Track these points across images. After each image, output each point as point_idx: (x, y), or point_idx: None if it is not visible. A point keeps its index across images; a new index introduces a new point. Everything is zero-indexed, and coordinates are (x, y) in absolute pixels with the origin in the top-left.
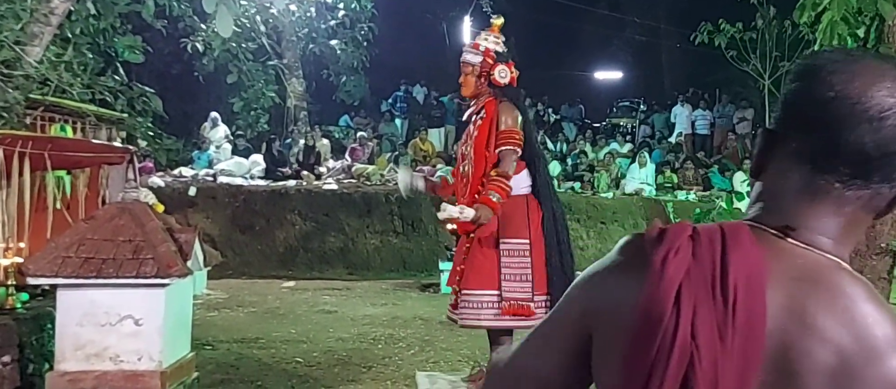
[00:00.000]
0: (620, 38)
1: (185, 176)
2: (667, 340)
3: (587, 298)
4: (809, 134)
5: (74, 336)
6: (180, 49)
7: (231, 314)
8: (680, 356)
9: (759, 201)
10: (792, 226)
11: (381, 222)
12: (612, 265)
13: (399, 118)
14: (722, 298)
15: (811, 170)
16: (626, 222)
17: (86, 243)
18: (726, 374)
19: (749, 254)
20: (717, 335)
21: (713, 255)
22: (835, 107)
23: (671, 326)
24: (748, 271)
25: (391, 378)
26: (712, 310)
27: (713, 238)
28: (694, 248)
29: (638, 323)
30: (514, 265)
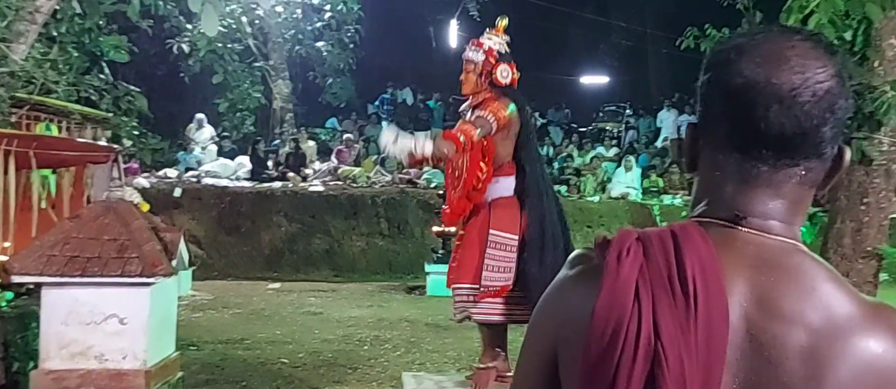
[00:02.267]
0: (607, 42)
1: (171, 177)
2: (630, 339)
3: (547, 318)
4: (728, 122)
5: (59, 335)
6: (166, 50)
7: (216, 315)
8: (645, 353)
9: (703, 196)
10: (741, 214)
11: (367, 224)
12: (565, 279)
13: (385, 121)
14: (681, 293)
15: (741, 157)
16: (612, 226)
17: (71, 241)
18: (692, 369)
19: (700, 248)
20: (679, 331)
21: (666, 253)
22: (746, 92)
23: (633, 324)
24: (702, 264)
25: (377, 379)
26: (672, 306)
27: (663, 237)
28: (645, 249)
29: (599, 325)
30: (498, 257)
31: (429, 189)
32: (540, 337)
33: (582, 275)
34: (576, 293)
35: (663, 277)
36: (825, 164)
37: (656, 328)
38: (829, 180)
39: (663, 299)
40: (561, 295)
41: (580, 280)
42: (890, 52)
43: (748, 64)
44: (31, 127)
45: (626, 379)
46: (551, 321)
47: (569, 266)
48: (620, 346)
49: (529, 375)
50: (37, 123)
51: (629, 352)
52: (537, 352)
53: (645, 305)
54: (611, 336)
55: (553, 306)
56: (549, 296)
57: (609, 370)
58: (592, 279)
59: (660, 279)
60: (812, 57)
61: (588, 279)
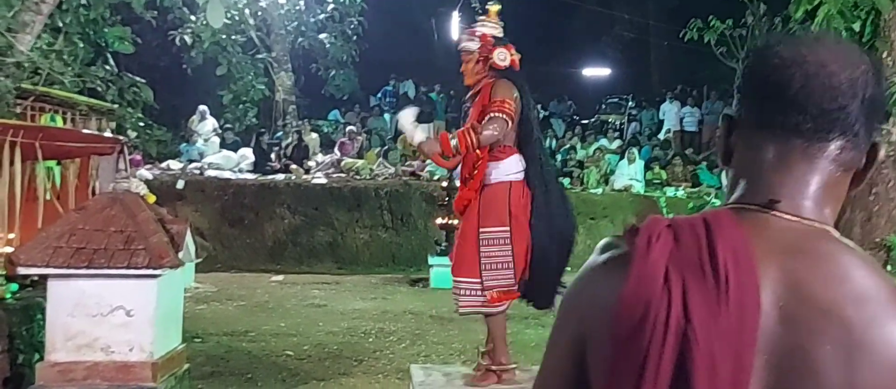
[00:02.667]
0: (609, 34)
1: (174, 169)
2: (660, 322)
3: (575, 305)
4: (765, 100)
5: (65, 327)
6: (168, 42)
7: (220, 307)
8: (675, 337)
9: (737, 184)
10: (774, 198)
11: (370, 216)
12: (593, 266)
13: (388, 113)
14: (713, 277)
15: (776, 136)
16: (615, 218)
17: (77, 233)
18: (723, 354)
19: (733, 234)
20: (710, 315)
21: (697, 239)
22: (784, 69)
23: (663, 308)
24: (734, 249)
25: (383, 371)
26: (704, 290)
27: (694, 224)
28: (675, 235)
29: (627, 309)
30: (493, 254)
31: (432, 181)
32: (568, 324)
33: (611, 262)
34: (604, 280)
35: (695, 262)
36: (859, 150)
37: (686, 312)
38: (865, 173)
39: (694, 283)
40: (589, 282)
41: (609, 267)
42: None
43: (787, 48)
44: (36, 118)
45: (655, 363)
46: (579, 308)
47: (597, 253)
48: (649, 330)
49: (557, 362)
50: (41, 114)
51: (659, 336)
52: (565, 339)
53: (675, 289)
54: (639, 320)
55: (581, 293)
56: (577, 283)
57: (638, 354)
58: (621, 265)
59: (691, 264)
60: (846, 46)
61: (617, 265)
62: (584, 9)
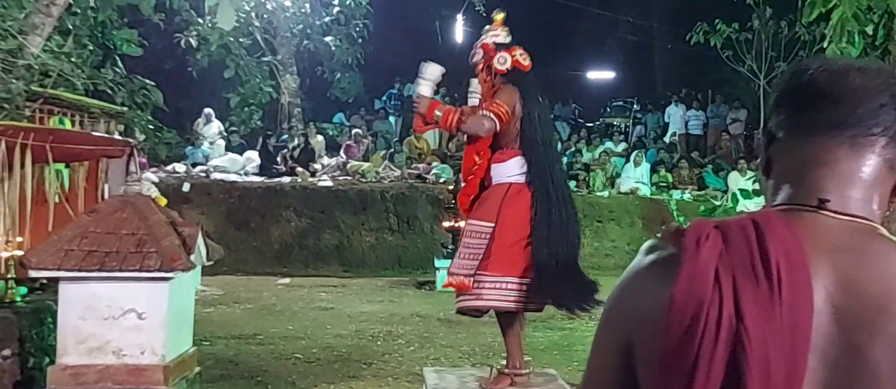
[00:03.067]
0: (613, 37)
1: (179, 172)
2: (711, 322)
3: (621, 308)
4: (806, 108)
5: (76, 330)
6: (174, 44)
7: (227, 310)
8: (727, 337)
9: (781, 188)
10: (823, 198)
11: (376, 219)
12: (638, 269)
13: (393, 116)
14: (765, 278)
15: (819, 137)
16: (622, 221)
17: (88, 236)
18: (777, 354)
19: (783, 233)
20: (763, 315)
21: (747, 239)
22: (826, 79)
23: (714, 308)
24: (786, 249)
25: (393, 374)
26: (756, 290)
27: (743, 224)
28: (724, 236)
29: (678, 309)
30: (471, 246)
31: (438, 184)
32: (614, 328)
33: (657, 263)
34: (651, 282)
35: (746, 262)
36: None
37: (739, 312)
38: None
39: (746, 283)
40: (635, 285)
41: (655, 269)
42: None
43: (823, 62)
44: (45, 121)
45: (707, 362)
46: (626, 311)
47: (642, 255)
48: (701, 330)
49: (603, 364)
50: (50, 116)
51: (711, 335)
52: (611, 342)
53: (726, 289)
54: (691, 320)
55: (627, 295)
56: (621, 286)
57: (689, 355)
58: (668, 266)
59: (742, 265)
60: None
61: (663, 267)
62: (588, 12)
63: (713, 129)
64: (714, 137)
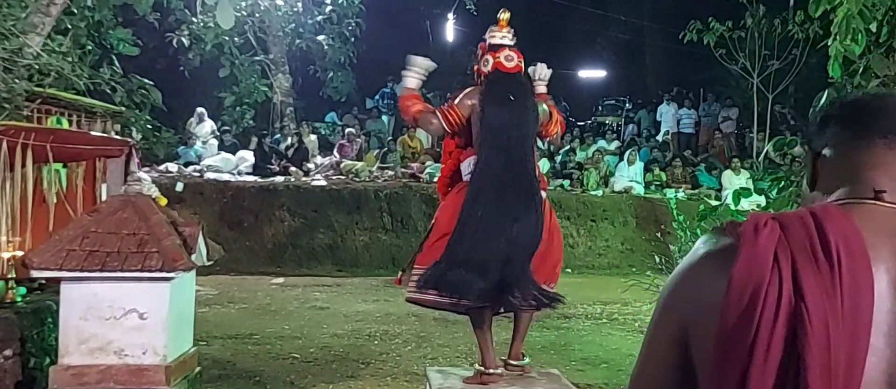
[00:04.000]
0: (604, 36)
1: (172, 172)
2: (770, 302)
3: (677, 296)
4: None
5: (78, 330)
6: (165, 44)
7: (222, 310)
8: (787, 316)
9: (834, 191)
10: (878, 190)
11: (370, 218)
12: (694, 258)
13: (386, 115)
14: (826, 262)
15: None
16: (616, 220)
17: (90, 236)
18: (838, 333)
19: (842, 222)
20: (825, 296)
21: (806, 227)
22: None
23: (773, 288)
24: (845, 236)
25: (391, 374)
26: (816, 272)
27: (801, 215)
28: (781, 224)
29: (736, 291)
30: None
31: (431, 183)
32: (670, 316)
33: (713, 253)
34: (707, 270)
35: (805, 247)
36: None
37: (799, 292)
38: None
39: (806, 266)
40: (691, 273)
41: (711, 257)
42: None
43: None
44: (42, 120)
45: (766, 342)
46: (681, 299)
47: (699, 247)
48: (759, 310)
49: (658, 353)
50: (47, 116)
51: (769, 315)
52: (667, 331)
53: (785, 270)
54: (749, 301)
55: (683, 284)
56: (677, 275)
57: (747, 335)
58: (724, 254)
59: (801, 249)
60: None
61: (720, 256)
62: (579, 11)
63: (705, 127)
64: (706, 135)
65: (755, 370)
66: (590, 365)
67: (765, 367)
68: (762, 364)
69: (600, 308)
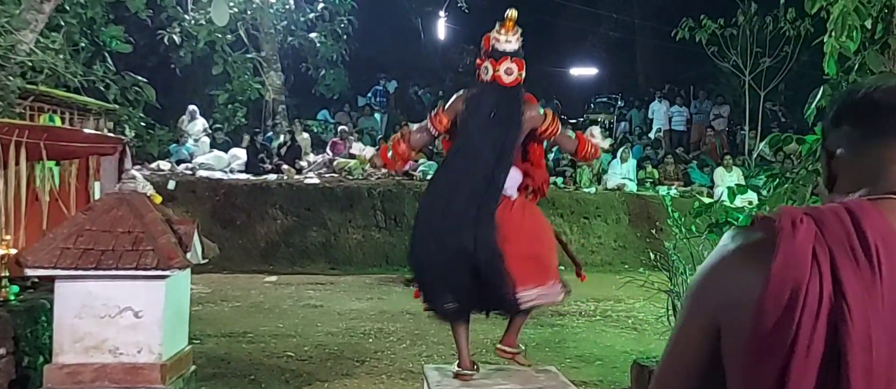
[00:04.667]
0: (595, 34)
1: (163, 170)
2: (811, 299)
3: (708, 293)
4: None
5: (73, 329)
6: (156, 41)
7: (216, 308)
8: (827, 313)
9: (856, 191)
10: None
11: (363, 216)
12: (725, 253)
13: (378, 113)
14: (865, 259)
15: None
16: (608, 217)
17: (84, 234)
18: (879, 329)
19: (878, 219)
20: (864, 293)
21: (843, 223)
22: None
23: (814, 285)
24: (883, 233)
25: (386, 371)
26: (855, 269)
27: (837, 210)
28: (817, 219)
29: (775, 288)
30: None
31: (425, 181)
32: (701, 310)
33: (746, 248)
34: (740, 266)
35: (843, 244)
36: None
37: (839, 290)
38: None
39: (845, 263)
40: (723, 269)
41: (745, 253)
42: None
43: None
44: (35, 118)
45: (807, 339)
46: (713, 293)
47: (727, 242)
48: (800, 307)
49: (688, 347)
50: (40, 114)
51: (811, 312)
52: (698, 326)
53: (824, 267)
54: (789, 299)
55: (714, 280)
56: (707, 271)
57: (787, 333)
58: (759, 250)
59: (840, 246)
60: None
61: (754, 251)
62: (570, 8)
63: (697, 125)
64: (698, 133)
65: (796, 367)
66: (585, 362)
67: (806, 365)
68: (803, 362)
69: (594, 306)
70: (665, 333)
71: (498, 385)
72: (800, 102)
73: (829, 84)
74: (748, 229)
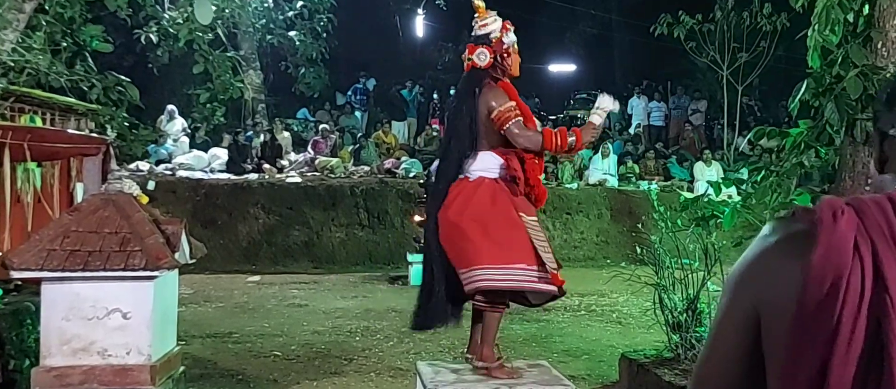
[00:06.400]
0: (573, 31)
1: (142, 170)
2: (853, 290)
3: (747, 285)
4: None
5: (60, 331)
6: (133, 41)
7: (199, 309)
8: (869, 304)
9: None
10: None
11: (346, 215)
12: (764, 245)
13: (359, 111)
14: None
15: None
16: (590, 213)
17: (70, 235)
18: None
19: None
20: None
21: (885, 213)
22: None
23: (856, 276)
24: None
25: (374, 369)
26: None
27: (879, 201)
28: (858, 210)
29: (816, 278)
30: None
31: (408, 179)
32: (740, 303)
33: (786, 239)
34: (780, 256)
35: (885, 234)
36: None
37: (882, 281)
38: None
39: (888, 254)
40: (763, 258)
41: (785, 244)
42: (893, 33)
43: None
44: (16, 119)
45: (848, 330)
46: (752, 287)
47: (768, 233)
48: (841, 299)
49: (728, 340)
50: (21, 115)
51: (853, 303)
52: (736, 315)
53: (866, 258)
54: (830, 288)
55: (754, 269)
56: (747, 263)
57: (828, 322)
58: (798, 241)
59: (881, 236)
60: None
61: (795, 241)
62: (548, 5)
63: (675, 120)
64: (676, 127)
65: (837, 360)
66: (572, 357)
67: (847, 359)
68: (844, 355)
69: (578, 300)
70: (651, 327)
71: (490, 379)
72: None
73: (813, 77)
74: (789, 220)
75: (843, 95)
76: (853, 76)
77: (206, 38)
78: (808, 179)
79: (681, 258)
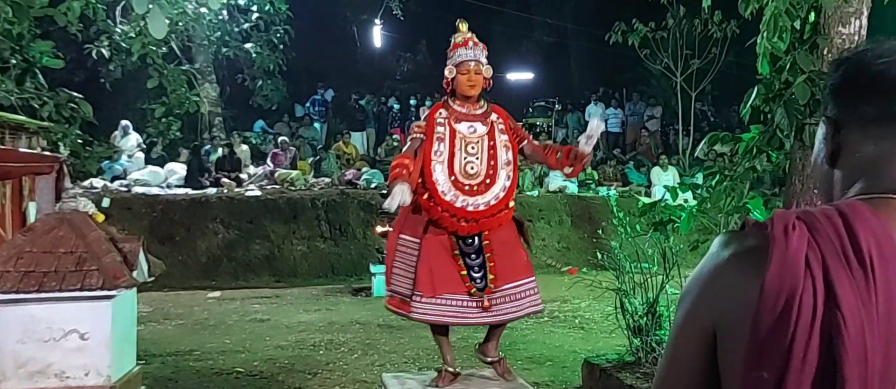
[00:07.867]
0: (530, 39)
1: (97, 187)
2: (806, 308)
3: (704, 300)
4: (873, 100)
5: (15, 354)
6: (83, 56)
7: (158, 327)
8: (822, 322)
9: (857, 177)
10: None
11: (307, 227)
12: (719, 260)
13: (318, 122)
14: (858, 265)
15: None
16: (551, 219)
17: (24, 256)
18: (874, 338)
19: (872, 222)
20: (859, 301)
21: (835, 227)
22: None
23: (808, 294)
24: (877, 237)
25: (339, 383)
26: (849, 277)
27: (829, 214)
28: (808, 225)
29: (770, 297)
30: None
31: (369, 190)
32: (696, 318)
33: (740, 254)
34: (735, 272)
35: (836, 250)
36: None
37: (834, 298)
38: None
39: (839, 270)
40: (718, 274)
41: (738, 259)
42: (838, 39)
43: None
44: None
45: (802, 349)
46: (709, 302)
47: (719, 248)
48: (794, 317)
49: (685, 355)
50: None
51: (805, 322)
52: (693, 334)
53: (817, 276)
54: (783, 308)
55: (709, 286)
56: (701, 279)
57: (782, 341)
58: (752, 256)
59: (832, 252)
60: None
61: (747, 257)
62: (504, 14)
63: (632, 126)
64: (633, 134)
65: (791, 378)
66: (535, 363)
67: (801, 377)
68: (798, 373)
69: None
70: (613, 331)
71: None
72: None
73: (763, 83)
74: (740, 235)
75: (791, 101)
76: (801, 82)
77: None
78: (760, 182)
79: (640, 263)
